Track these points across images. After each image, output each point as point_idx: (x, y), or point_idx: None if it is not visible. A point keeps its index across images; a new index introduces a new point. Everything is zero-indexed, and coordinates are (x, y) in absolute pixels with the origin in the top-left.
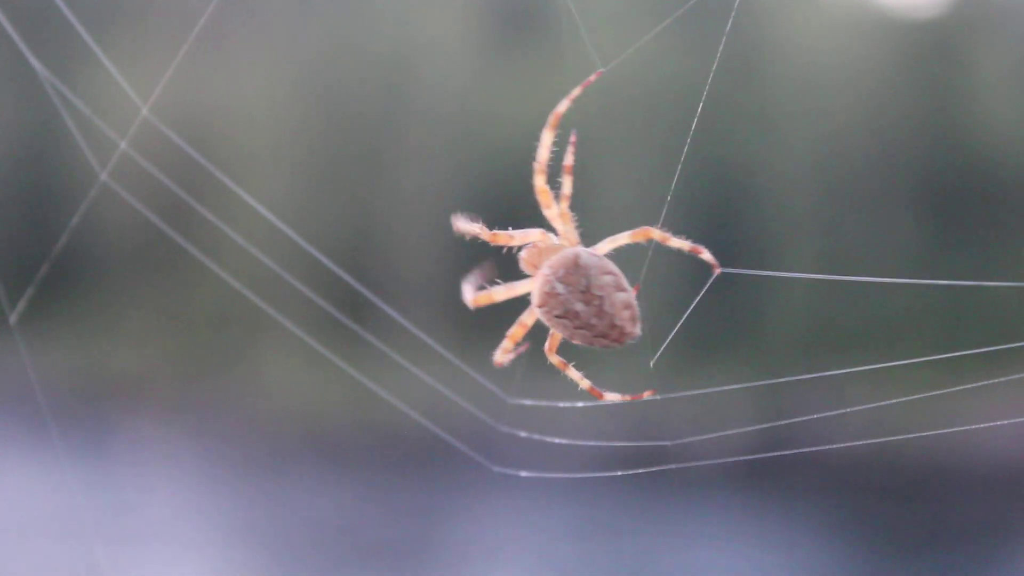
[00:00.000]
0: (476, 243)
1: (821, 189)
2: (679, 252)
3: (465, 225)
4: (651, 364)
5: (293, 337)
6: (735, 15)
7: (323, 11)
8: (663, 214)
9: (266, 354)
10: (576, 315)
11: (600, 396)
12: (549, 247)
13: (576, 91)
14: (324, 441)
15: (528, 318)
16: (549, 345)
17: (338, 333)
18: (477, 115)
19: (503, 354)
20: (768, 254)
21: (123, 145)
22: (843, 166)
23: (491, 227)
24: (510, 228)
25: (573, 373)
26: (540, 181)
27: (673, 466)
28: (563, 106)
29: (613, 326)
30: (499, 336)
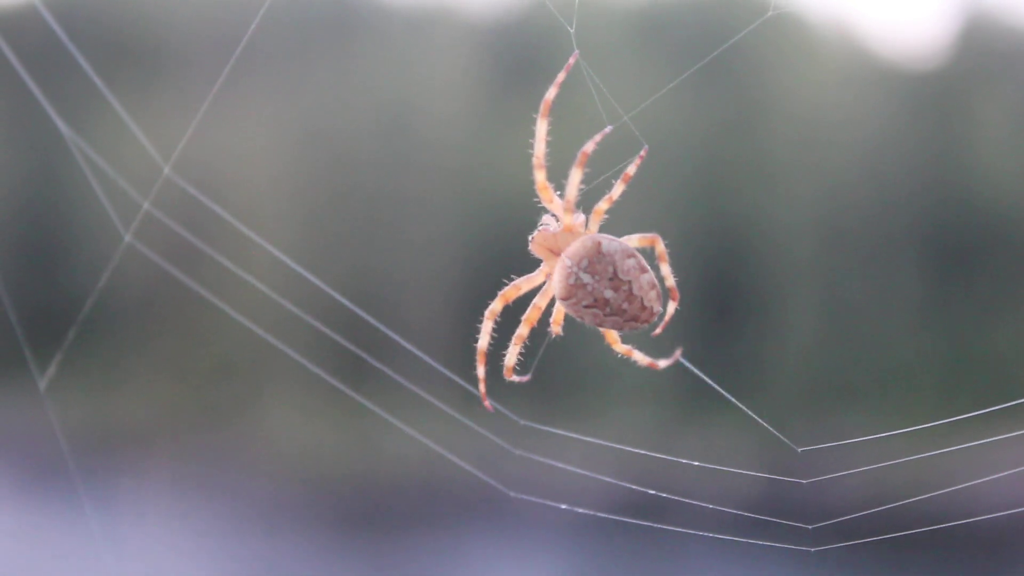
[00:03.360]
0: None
1: (824, 241)
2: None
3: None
4: (799, 451)
5: (303, 388)
6: (739, 72)
7: (332, 66)
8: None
9: (275, 405)
10: (606, 303)
11: (656, 366)
12: (561, 231)
13: (560, 76)
14: (328, 492)
15: (542, 300)
16: (609, 338)
17: (345, 381)
18: (480, 168)
19: (514, 350)
20: (772, 305)
21: (146, 205)
22: (846, 218)
23: (495, 283)
24: (513, 277)
25: (639, 356)
26: (540, 177)
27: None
28: (551, 93)
29: (643, 307)
30: (503, 383)
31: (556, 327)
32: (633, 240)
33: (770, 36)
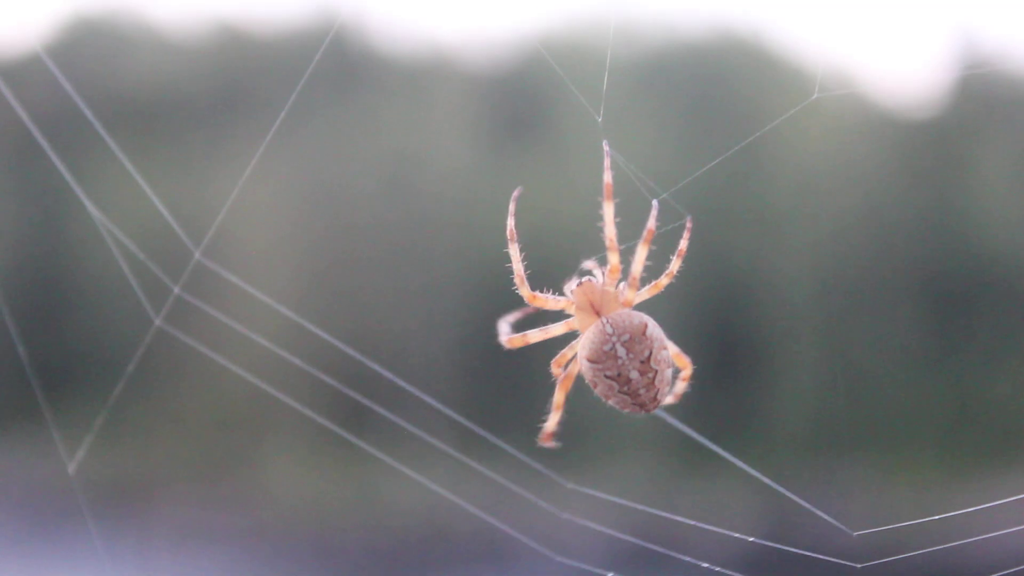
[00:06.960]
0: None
1: (825, 288)
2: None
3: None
4: (855, 534)
5: (310, 440)
6: (738, 123)
7: (336, 123)
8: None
9: (283, 456)
10: (627, 381)
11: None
12: (605, 291)
13: (607, 161)
14: (333, 540)
15: (573, 366)
16: (557, 361)
17: (343, 439)
18: (482, 220)
19: (554, 418)
20: (774, 352)
21: (176, 290)
22: (847, 265)
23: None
24: (551, 292)
25: (553, 419)
26: (615, 259)
27: None
28: (608, 177)
29: (654, 399)
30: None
31: (557, 369)
32: (671, 348)
33: (770, 90)
